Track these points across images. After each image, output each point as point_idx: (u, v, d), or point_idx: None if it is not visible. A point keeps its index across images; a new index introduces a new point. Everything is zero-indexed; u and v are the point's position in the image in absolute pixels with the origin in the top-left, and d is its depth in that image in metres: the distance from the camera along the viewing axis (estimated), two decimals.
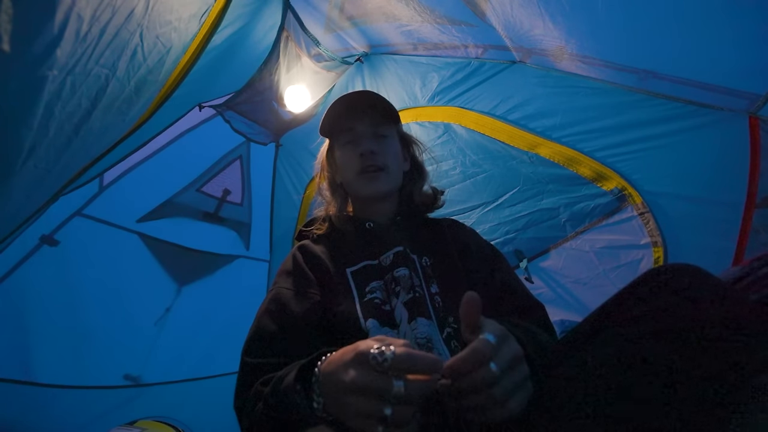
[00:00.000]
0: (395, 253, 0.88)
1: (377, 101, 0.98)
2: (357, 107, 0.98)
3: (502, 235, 1.86)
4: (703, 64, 1.25)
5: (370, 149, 0.95)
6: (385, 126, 1.00)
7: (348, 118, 0.99)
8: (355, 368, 0.50)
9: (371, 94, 0.99)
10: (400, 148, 1.03)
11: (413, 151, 1.08)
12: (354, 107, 0.98)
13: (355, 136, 0.98)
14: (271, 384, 0.64)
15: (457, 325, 0.79)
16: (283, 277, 0.88)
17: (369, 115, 0.99)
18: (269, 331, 0.77)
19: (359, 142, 0.97)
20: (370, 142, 0.96)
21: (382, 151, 0.97)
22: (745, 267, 1.04)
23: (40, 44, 0.72)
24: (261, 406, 0.64)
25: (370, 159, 0.94)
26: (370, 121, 0.98)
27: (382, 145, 0.98)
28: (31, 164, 0.85)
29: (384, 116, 1.00)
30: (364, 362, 0.49)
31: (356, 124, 0.98)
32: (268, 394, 0.63)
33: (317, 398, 0.56)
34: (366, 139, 0.97)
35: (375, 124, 0.99)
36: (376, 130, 0.98)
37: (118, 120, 1.16)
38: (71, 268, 1.71)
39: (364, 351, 0.50)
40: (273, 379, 0.64)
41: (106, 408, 1.77)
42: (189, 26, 1.19)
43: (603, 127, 1.57)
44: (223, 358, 2.00)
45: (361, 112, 0.98)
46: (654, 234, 1.54)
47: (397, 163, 1.00)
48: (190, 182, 2.07)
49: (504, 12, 1.33)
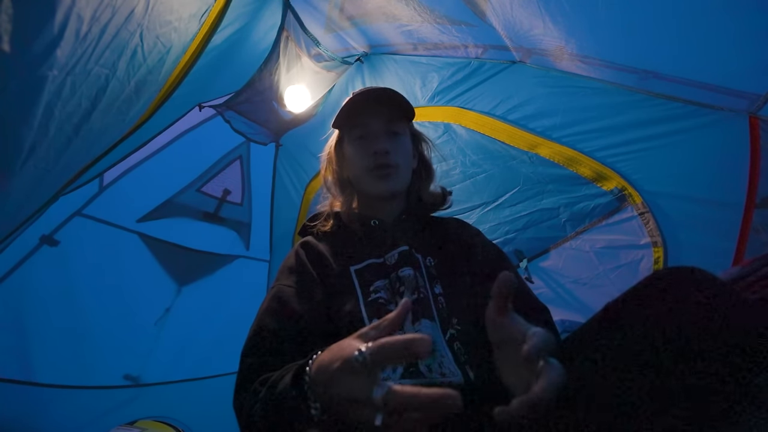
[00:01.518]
0: (400, 252, 0.87)
1: (395, 97, 0.96)
2: (374, 102, 0.96)
3: (502, 235, 1.86)
4: (703, 64, 1.25)
5: (384, 148, 0.92)
6: (399, 123, 0.98)
7: (365, 112, 0.96)
8: (343, 376, 0.49)
9: (389, 91, 0.96)
10: (411, 146, 1.01)
11: (422, 148, 1.05)
12: (372, 102, 0.96)
13: (369, 132, 0.96)
14: (266, 387, 0.63)
15: (460, 327, 0.78)
16: (285, 274, 0.86)
17: (385, 111, 0.96)
18: (270, 330, 0.76)
19: (373, 139, 0.94)
20: (385, 141, 0.94)
21: (395, 150, 0.94)
22: (745, 267, 1.03)
23: (40, 44, 0.72)
24: (258, 407, 0.64)
25: (384, 158, 0.92)
26: (385, 117, 0.96)
27: (396, 143, 0.95)
28: (31, 164, 0.85)
29: (400, 113, 0.98)
30: (348, 368, 0.48)
31: (371, 120, 0.96)
32: (264, 397, 0.62)
33: (313, 404, 0.55)
34: (380, 136, 0.95)
35: (390, 121, 0.96)
36: (389, 127, 0.96)
37: (118, 120, 1.16)
38: (71, 268, 1.71)
39: (348, 358, 0.48)
40: (268, 381, 0.63)
41: (106, 408, 1.77)
42: (189, 26, 1.19)
43: (603, 127, 1.56)
44: (223, 358, 2.00)
45: (378, 107, 0.96)
46: (654, 234, 1.54)
47: (408, 161, 0.98)
48: (190, 182, 2.07)
49: (504, 12, 1.33)
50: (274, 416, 0.60)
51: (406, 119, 1.00)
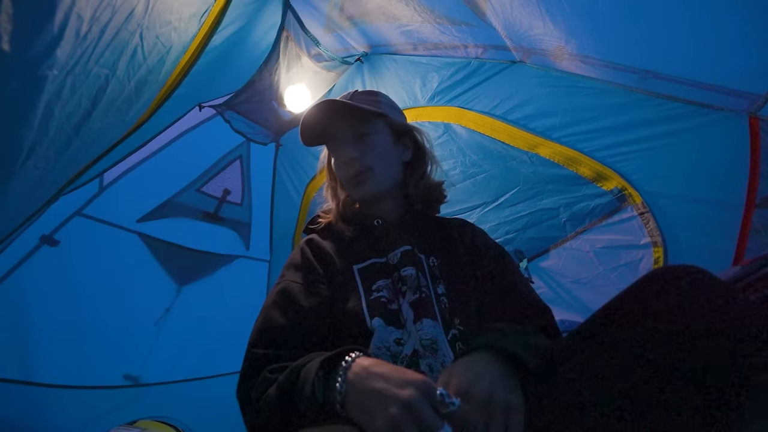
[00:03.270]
0: (403, 251, 0.87)
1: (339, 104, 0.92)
2: (330, 113, 0.94)
3: (502, 235, 1.86)
4: (704, 64, 1.25)
5: (350, 155, 0.91)
6: (364, 124, 0.94)
7: (325, 126, 0.95)
8: (416, 390, 0.52)
9: (332, 101, 0.92)
10: (392, 141, 0.98)
11: (413, 137, 1.02)
12: (327, 113, 0.94)
13: (337, 142, 0.95)
14: (288, 370, 0.64)
15: (462, 327, 0.79)
16: (292, 270, 0.87)
17: (343, 118, 0.94)
18: (277, 324, 0.77)
19: (340, 150, 0.94)
20: (350, 148, 0.93)
21: (365, 153, 0.92)
22: (745, 267, 1.04)
23: (40, 44, 0.72)
24: (273, 390, 0.64)
25: (354, 166, 0.92)
26: (347, 123, 0.94)
27: (364, 145, 0.93)
28: (31, 164, 0.85)
29: (360, 114, 0.93)
30: (428, 393, 0.52)
31: (334, 129, 0.95)
32: (283, 380, 0.63)
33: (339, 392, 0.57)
34: (347, 144, 0.94)
35: (353, 126, 0.94)
36: (356, 131, 0.94)
37: (118, 120, 1.16)
38: (71, 268, 1.71)
39: (430, 383, 0.53)
40: (289, 367, 0.65)
41: (106, 408, 1.77)
42: (189, 26, 1.19)
43: (603, 127, 1.56)
44: (223, 358, 2.00)
45: (336, 117, 0.94)
46: (654, 234, 1.54)
47: (385, 158, 0.95)
48: (190, 182, 2.07)
49: (504, 12, 1.33)
50: (288, 401, 0.61)
51: (374, 117, 0.95)
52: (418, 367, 0.73)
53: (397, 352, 0.75)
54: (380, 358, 0.68)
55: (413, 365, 0.73)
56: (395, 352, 0.75)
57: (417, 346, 0.74)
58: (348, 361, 0.59)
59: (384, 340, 0.76)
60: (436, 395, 0.51)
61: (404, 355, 0.74)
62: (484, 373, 0.57)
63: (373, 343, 0.75)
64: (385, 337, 0.76)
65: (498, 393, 0.54)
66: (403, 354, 0.74)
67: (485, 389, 0.54)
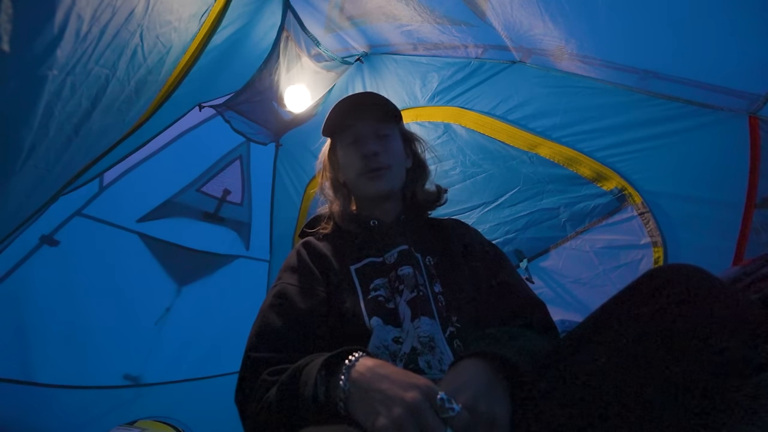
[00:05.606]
0: (399, 251, 0.88)
1: (379, 100, 0.99)
2: (359, 107, 0.98)
3: (502, 235, 1.86)
4: (703, 64, 1.25)
5: (373, 150, 0.94)
6: (386, 125, 1.00)
7: (350, 117, 0.99)
8: (420, 394, 0.53)
9: (373, 95, 1.00)
10: (402, 146, 1.03)
11: (415, 148, 1.08)
12: (356, 107, 0.98)
13: (358, 136, 0.98)
14: (290, 370, 0.64)
15: (459, 324, 0.79)
16: (288, 273, 0.88)
17: (371, 114, 0.99)
18: (275, 327, 0.77)
19: (362, 143, 0.97)
20: (373, 143, 0.96)
21: (385, 151, 0.96)
22: (745, 267, 1.04)
23: (40, 44, 0.72)
24: (273, 391, 0.65)
25: (374, 160, 0.94)
26: (372, 120, 0.98)
27: (385, 144, 0.97)
28: (31, 164, 0.85)
29: (386, 115, 1.00)
30: (430, 395, 0.53)
31: (358, 124, 0.98)
32: (285, 380, 0.64)
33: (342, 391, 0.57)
34: (368, 139, 0.97)
35: (377, 123, 0.99)
36: (377, 129, 0.98)
37: (118, 120, 1.16)
38: (71, 268, 1.71)
39: (434, 388, 0.54)
40: (290, 368, 0.65)
41: (106, 408, 1.77)
42: (189, 26, 1.19)
43: (603, 127, 1.57)
44: (223, 357, 2.00)
45: (363, 112, 0.98)
46: (654, 234, 1.54)
47: (399, 161, 1.00)
48: (190, 182, 2.07)
49: (504, 12, 1.33)
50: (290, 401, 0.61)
51: (394, 121, 1.02)
52: (416, 364, 0.73)
53: (396, 350, 0.75)
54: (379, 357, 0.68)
55: (412, 362, 0.74)
56: (394, 350, 0.75)
57: (415, 344, 0.75)
58: (351, 361, 0.60)
59: (383, 340, 0.76)
60: (437, 399, 0.52)
61: (403, 353, 0.75)
62: (471, 384, 0.57)
63: (372, 343, 0.76)
64: (383, 336, 0.76)
65: (481, 405, 0.55)
66: (402, 352, 0.75)
67: (468, 400, 0.55)
